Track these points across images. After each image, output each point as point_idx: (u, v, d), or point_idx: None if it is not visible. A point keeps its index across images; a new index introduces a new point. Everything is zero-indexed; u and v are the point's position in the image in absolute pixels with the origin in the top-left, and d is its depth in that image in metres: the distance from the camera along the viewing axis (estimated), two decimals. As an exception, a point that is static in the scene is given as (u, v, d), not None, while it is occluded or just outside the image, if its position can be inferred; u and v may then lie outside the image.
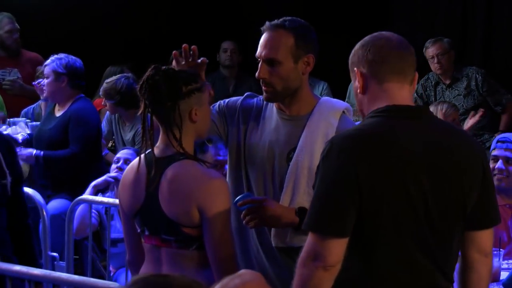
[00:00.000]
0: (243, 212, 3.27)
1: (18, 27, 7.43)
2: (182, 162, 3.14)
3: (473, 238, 2.86)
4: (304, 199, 3.31)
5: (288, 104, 3.43)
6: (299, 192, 3.33)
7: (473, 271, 2.90)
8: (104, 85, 6.38)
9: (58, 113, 6.06)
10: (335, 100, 3.54)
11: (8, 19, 7.42)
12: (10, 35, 7.41)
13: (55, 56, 6.10)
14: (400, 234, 2.69)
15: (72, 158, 5.92)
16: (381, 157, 2.66)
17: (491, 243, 2.95)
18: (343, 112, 3.44)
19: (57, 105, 6.16)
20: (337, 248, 2.64)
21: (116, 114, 6.57)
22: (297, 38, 3.35)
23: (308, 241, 2.68)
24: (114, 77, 6.41)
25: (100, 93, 6.46)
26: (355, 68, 2.83)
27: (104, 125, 6.67)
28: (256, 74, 3.37)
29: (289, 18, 3.41)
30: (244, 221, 3.28)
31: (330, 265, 2.64)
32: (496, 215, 2.91)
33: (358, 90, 2.83)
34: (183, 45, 3.38)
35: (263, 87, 3.41)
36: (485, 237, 2.89)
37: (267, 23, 3.40)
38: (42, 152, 5.87)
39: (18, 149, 5.79)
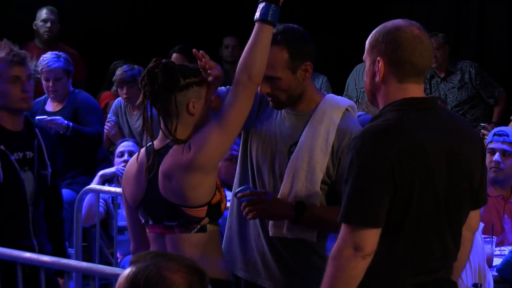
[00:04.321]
0: (243, 204, 3.33)
1: (54, 18, 7.42)
2: (174, 146, 3.26)
3: (467, 218, 2.96)
4: (303, 193, 3.36)
5: (293, 104, 3.46)
6: (298, 186, 3.37)
7: (462, 247, 2.97)
8: (118, 72, 6.53)
9: (56, 107, 6.10)
10: (339, 97, 3.54)
11: (46, 10, 7.43)
12: (44, 24, 7.41)
13: (52, 54, 6.10)
14: (423, 221, 2.80)
15: (97, 137, 6.05)
16: (410, 149, 2.76)
17: (478, 221, 3.09)
18: (347, 110, 3.45)
19: (49, 101, 6.20)
20: (374, 238, 2.74)
21: (122, 106, 6.72)
22: (291, 51, 3.34)
23: (344, 233, 2.75)
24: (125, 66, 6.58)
25: (114, 79, 6.58)
26: (379, 57, 2.86)
27: (109, 117, 6.81)
28: (258, 90, 3.35)
29: (281, 28, 3.37)
30: (243, 213, 3.34)
31: (368, 254, 2.73)
32: (485, 196, 3.05)
33: (377, 78, 2.88)
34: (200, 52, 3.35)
35: (268, 98, 3.44)
36: (475, 216, 3.03)
37: None
38: (71, 123, 5.90)
39: (48, 118, 5.88)
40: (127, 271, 2.26)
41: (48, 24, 7.40)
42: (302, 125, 3.43)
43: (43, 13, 7.45)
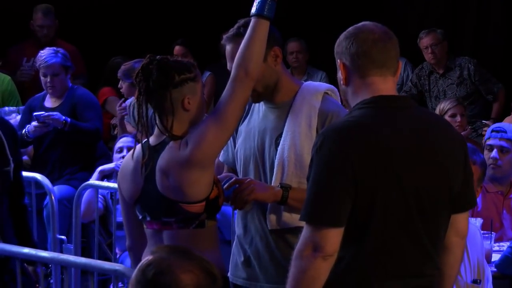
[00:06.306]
0: (231, 195, 3.36)
1: (51, 22, 7.42)
2: (171, 142, 3.26)
3: (453, 222, 2.88)
4: (293, 180, 3.40)
5: (271, 96, 3.49)
6: (287, 174, 3.40)
7: (451, 254, 2.91)
8: (122, 67, 6.51)
9: (55, 103, 6.12)
10: (317, 83, 3.60)
11: (41, 14, 7.41)
12: (40, 29, 7.41)
13: (49, 50, 6.11)
14: (391, 223, 2.73)
15: (96, 133, 6.07)
16: (372, 148, 2.70)
17: (467, 225, 2.97)
18: (326, 93, 3.48)
19: (48, 97, 6.20)
20: (335, 238, 2.68)
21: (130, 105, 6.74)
22: None
23: (305, 233, 2.71)
24: (130, 61, 6.56)
25: (119, 74, 6.55)
26: (338, 60, 2.86)
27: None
28: None
29: (242, 22, 3.42)
30: (231, 204, 3.37)
31: (328, 254, 2.68)
32: (474, 198, 2.96)
33: (342, 82, 2.86)
34: None
35: None
36: (463, 220, 2.93)
37: (224, 36, 3.44)
38: (69, 119, 5.93)
39: (45, 113, 5.91)
40: (144, 259, 2.30)
41: (45, 31, 7.43)
42: (284, 116, 3.47)
43: (39, 17, 7.45)
